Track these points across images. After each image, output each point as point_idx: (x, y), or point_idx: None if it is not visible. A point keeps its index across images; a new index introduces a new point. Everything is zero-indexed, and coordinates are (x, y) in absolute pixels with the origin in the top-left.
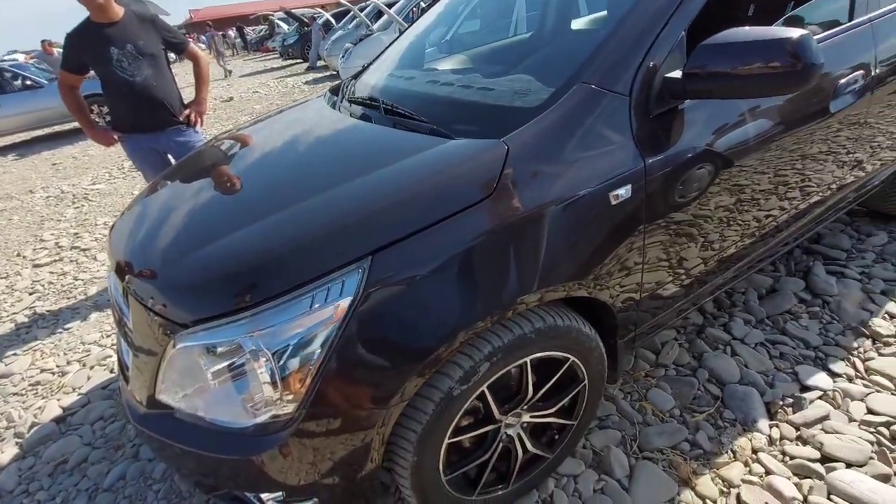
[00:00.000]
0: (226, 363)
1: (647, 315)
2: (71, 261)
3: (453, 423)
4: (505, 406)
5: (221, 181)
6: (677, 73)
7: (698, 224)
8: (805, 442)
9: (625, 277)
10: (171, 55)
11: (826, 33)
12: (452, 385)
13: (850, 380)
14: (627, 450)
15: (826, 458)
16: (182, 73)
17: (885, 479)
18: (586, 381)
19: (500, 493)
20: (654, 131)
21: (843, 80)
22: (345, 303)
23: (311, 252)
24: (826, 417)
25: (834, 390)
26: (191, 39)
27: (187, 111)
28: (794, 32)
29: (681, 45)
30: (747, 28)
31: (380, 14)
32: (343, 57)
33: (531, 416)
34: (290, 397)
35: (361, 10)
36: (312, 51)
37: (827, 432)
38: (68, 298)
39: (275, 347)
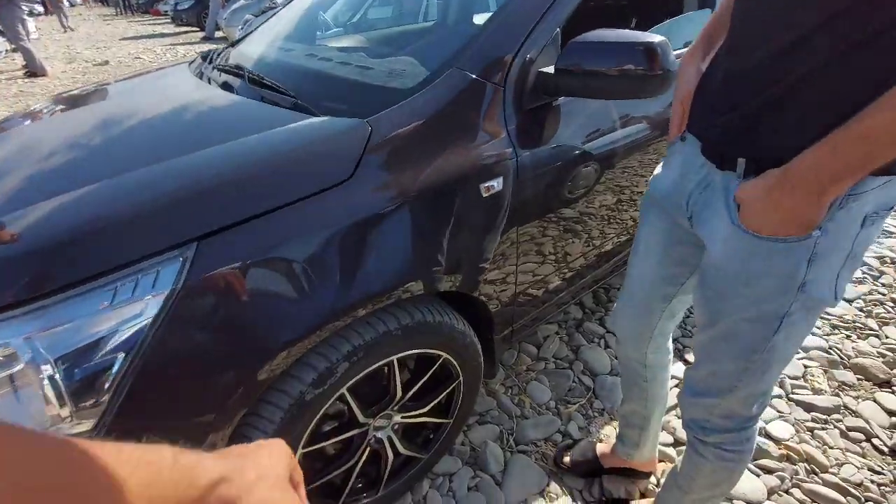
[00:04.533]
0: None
1: (524, 310)
2: None
3: (307, 431)
4: (372, 408)
5: (33, 148)
6: (551, 69)
7: (573, 219)
8: (661, 428)
9: (498, 273)
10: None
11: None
12: (304, 389)
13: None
14: (504, 444)
15: (678, 442)
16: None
17: None
18: (461, 379)
19: (368, 500)
20: (528, 125)
21: None
22: (158, 297)
23: (118, 235)
24: (676, 405)
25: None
26: None
27: None
28: (655, 38)
29: (555, 42)
30: (615, 30)
31: None
32: (242, 29)
33: (402, 417)
34: (85, 414)
35: None
36: (210, 19)
37: (678, 418)
38: None
39: (61, 352)
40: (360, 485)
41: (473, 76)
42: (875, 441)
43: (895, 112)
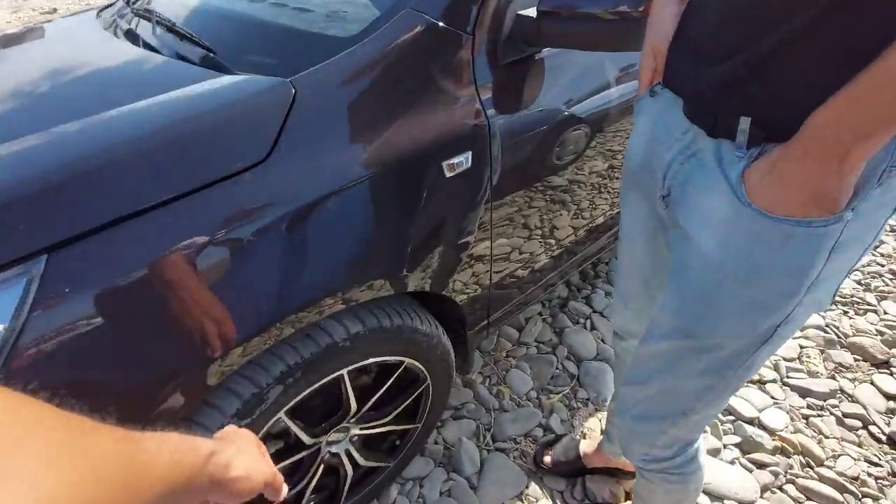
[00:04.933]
0: None
1: (503, 297)
2: None
3: None
4: (322, 425)
5: None
6: (533, 11)
7: (558, 197)
8: None
9: (470, 265)
10: None
11: None
12: (227, 422)
13: None
14: (480, 442)
15: None
16: None
17: (714, 452)
18: (429, 382)
19: None
20: (504, 84)
21: None
22: None
23: None
24: None
25: None
26: None
27: None
28: None
29: None
30: None
31: None
32: None
33: (362, 429)
34: None
35: None
36: None
37: None
38: None
39: None
40: (318, 499)
41: (432, 20)
42: (872, 428)
43: None
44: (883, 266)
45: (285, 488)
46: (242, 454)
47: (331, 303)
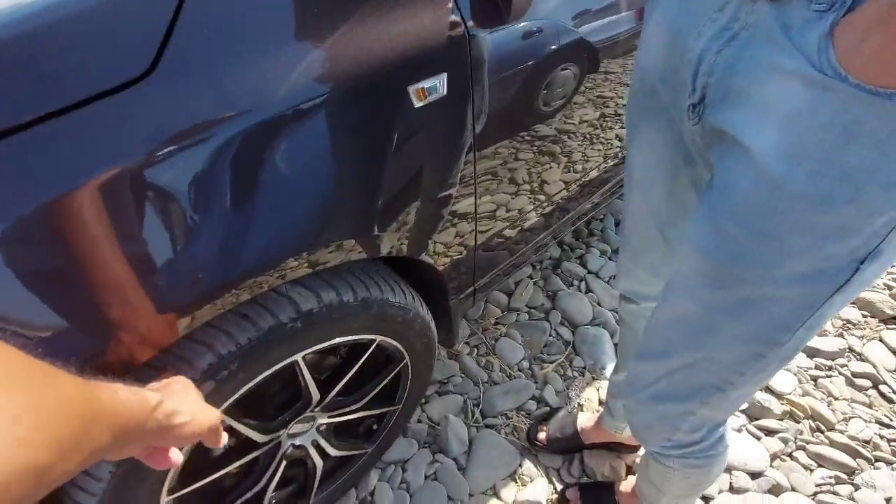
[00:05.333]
0: None
1: (491, 259)
2: None
3: (167, 482)
4: (280, 418)
5: None
6: None
7: (553, 138)
8: None
9: (451, 223)
10: None
11: None
12: None
13: None
14: (468, 418)
15: None
16: None
17: None
18: (407, 360)
19: None
20: None
21: None
22: None
23: None
24: None
25: None
26: None
27: None
28: None
29: None
30: None
31: None
32: None
33: (330, 417)
34: None
35: None
36: None
37: None
38: None
39: None
40: (285, 495)
41: None
42: (883, 388)
43: None
44: None
45: (225, 436)
46: (187, 402)
47: (240, 290)
